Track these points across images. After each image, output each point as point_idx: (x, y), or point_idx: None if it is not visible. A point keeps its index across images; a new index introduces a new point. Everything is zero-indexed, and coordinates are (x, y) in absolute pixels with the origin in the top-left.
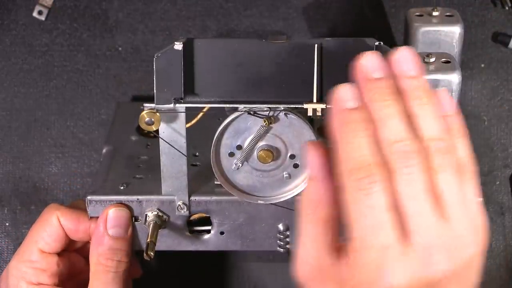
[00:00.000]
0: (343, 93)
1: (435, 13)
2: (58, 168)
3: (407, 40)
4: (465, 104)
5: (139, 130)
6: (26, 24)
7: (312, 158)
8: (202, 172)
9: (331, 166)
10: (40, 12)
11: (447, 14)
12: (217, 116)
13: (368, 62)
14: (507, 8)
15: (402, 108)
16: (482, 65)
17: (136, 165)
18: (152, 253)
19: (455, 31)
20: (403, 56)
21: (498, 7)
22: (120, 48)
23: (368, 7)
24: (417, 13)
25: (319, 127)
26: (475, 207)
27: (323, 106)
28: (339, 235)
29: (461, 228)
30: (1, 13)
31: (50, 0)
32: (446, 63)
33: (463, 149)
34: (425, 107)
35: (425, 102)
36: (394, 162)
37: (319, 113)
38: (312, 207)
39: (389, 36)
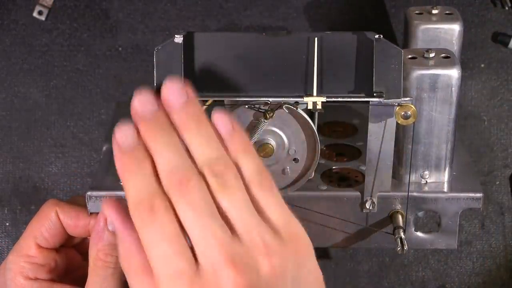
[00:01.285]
0: (120, 134)
1: (434, 11)
2: (58, 168)
3: (406, 38)
4: (465, 104)
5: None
6: (26, 24)
7: (110, 216)
8: None
9: (129, 218)
10: (40, 12)
11: (447, 12)
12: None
13: (139, 102)
14: (507, 8)
15: (175, 140)
16: (482, 65)
17: None
18: None
19: (454, 28)
20: (168, 89)
21: (498, 7)
22: (120, 48)
23: (368, 7)
24: (417, 11)
25: (319, 124)
26: (279, 216)
27: (323, 99)
28: None
29: (253, 241)
30: (1, 13)
31: (50, 0)
32: (445, 58)
33: (247, 165)
34: (195, 134)
35: (194, 129)
36: (172, 190)
37: (319, 107)
38: (125, 261)
39: (389, 36)
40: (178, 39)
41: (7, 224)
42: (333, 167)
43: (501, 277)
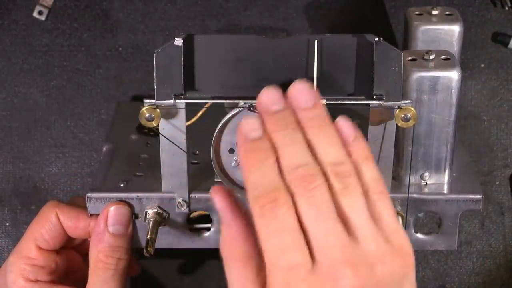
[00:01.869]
0: (247, 125)
1: (434, 12)
2: (58, 168)
3: (406, 39)
4: (465, 104)
5: (139, 129)
6: (26, 24)
7: (217, 202)
8: (202, 170)
9: (237, 206)
10: (40, 12)
11: (447, 13)
12: (217, 115)
13: (267, 97)
14: (507, 8)
15: (301, 137)
16: (482, 65)
17: (136, 163)
18: (152, 249)
19: (454, 29)
20: (299, 90)
21: (498, 7)
22: (120, 48)
23: (368, 7)
24: (417, 12)
25: None
26: (391, 226)
27: (323, 102)
28: (262, 269)
29: (371, 246)
30: (1, 13)
31: (50, 0)
32: (445, 60)
33: (368, 172)
34: (322, 135)
35: (322, 130)
36: (295, 186)
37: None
38: (228, 248)
39: (389, 36)
40: (178, 41)
41: (7, 224)
42: None
43: (501, 277)
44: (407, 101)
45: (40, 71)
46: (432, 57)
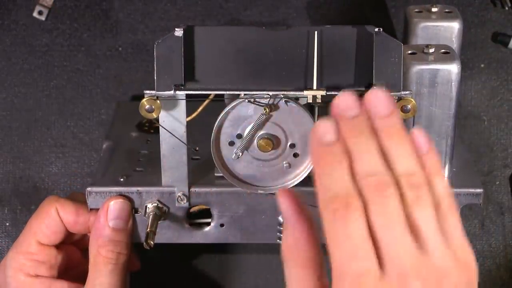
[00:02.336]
0: (322, 128)
1: (434, 9)
2: (58, 168)
3: (406, 36)
4: (465, 104)
5: (140, 127)
6: (26, 24)
7: (283, 205)
8: (202, 165)
9: (302, 210)
10: (40, 12)
11: (446, 10)
12: (216, 111)
13: (344, 102)
14: (507, 8)
15: (376, 145)
16: (482, 65)
17: (136, 159)
18: (152, 242)
19: (454, 26)
20: (376, 97)
21: (498, 7)
22: (120, 48)
23: (368, 6)
24: (417, 9)
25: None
26: (459, 241)
27: (323, 93)
28: (323, 274)
29: (440, 259)
30: (1, 13)
31: (50, 0)
32: (445, 54)
33: (440, 185)
34: (397, 145)
35: (397, 140)
36: (368, 193)
37: (319, 100)
38: (290, 251)
39: (389, 35)
40: (179, 32)
41: (7, 224)
42: None
43: (501, 277)
44: (407, 92)
45: (40, 71)
46: (431, 50)
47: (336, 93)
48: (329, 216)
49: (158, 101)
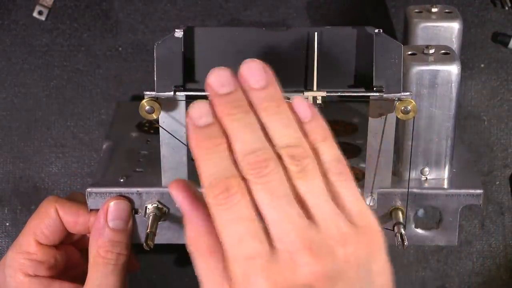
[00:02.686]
0: (195, 110)
1: (434, 10)
2: (58, 168)
3: (406, 36)
4: (465, 104)
5: (140, 127)
6: (26, 24)
7: (177, 198)
8: None
9: (197, 199)
10: (40, 12)
11: (446, 10)
12: None
13: (216, 78)
14: (507, 8)
15: (253, 120)
16: (482, 65)
17: (136, 160)
18: (151, 243)
19: (454, 26)
20: (250, 69)
21: (498, 7)
22: (120, 48)
23: (368, 7)
24: (417, 10)
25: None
26: (354, 206)
27: (323, 94)
28: None
29: (330, 229)
30: (1, 13)
31: (50, 0)
32: (445, 55)
33: (327, 152)
34: (274, 116)
35: (274, 112)
36: (249, 172)
37: (319, 101)
38: (194, 242)
39: (390, 35)
40: (179, 33)
41: (7, 224)
42: None
43: (501, 277)
44: (407, 93)
45: (40, 71)
46: (431, 51)
47: (336, 94)
48: (212, 202)
49: (158, 102)
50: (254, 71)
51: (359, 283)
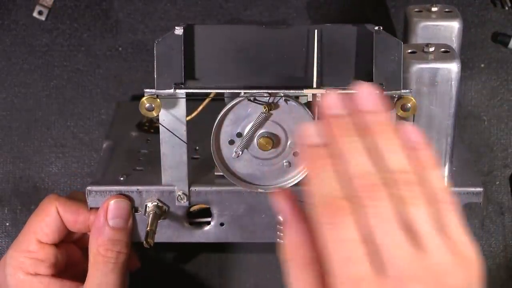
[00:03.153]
0: (309, 130)
1: (434, 9)
2: (58, 168)
3: (406, 35)
4: (465, 104)
5: (140, 127)
6: (26, 24)
7: (281, 206)
8: (202, 165)
9: (299, 210)
10: (40, 12)
11: (446, 10)
12: (216, 110)
13: (330, 100)
14: (507, 8)
15: (366, 143)
16: (482, 65)
17: (136, 158)
18: (152, 241)
19: (454, 25)
20: (364, 93)
21: (498, 7)
22: (120, 48)
23: (368, 7)
24: (416, 9)
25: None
26: (459, 237)
27: (323, 91)
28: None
29: (439, 258)
30: (1, 13)
31: (50, 0)
32: (445, 53)
33: (436, 180)
34: (388, 141)
35: (388, 136)
36: (361, 195)
37: (319, 99)
38: (291, 252)
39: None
40: (179, 31)
41: (7, 224)
42: None
43: (501, 277)
44: (407, 90)
45: (40, 71)
46: (431, 49)
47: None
48: (322, 222)
49: (158, 100)
50: (368, 95)
51: None
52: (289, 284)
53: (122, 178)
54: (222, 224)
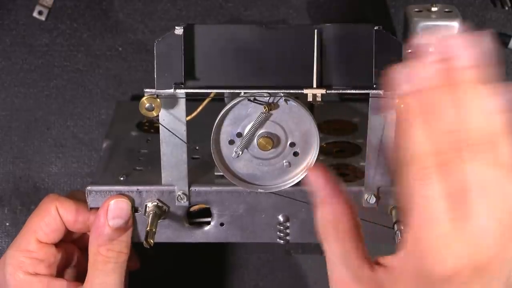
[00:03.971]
0: (399, 76)
1: (434, 9)
2: (58, 168)
3: (406, 36)
4: None
5: (140, 126)
6: (26, 24)
7: (316, 182)
8: (203, 165)
9: (335, 183)
10: (40, 12)
11: (446, 10)
12: (216, 110)
13: (425, 41)
14: (507, 8)
15: (455, 98)
16: None
17: (136, 158)
18: (152, 241)
19: (454, 25)
20: (459, 44)
21: (498, 7)
22: (120, 48)
23: (368, 7)
24: (416, 9)
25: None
26: None
27: (322, 91)
28: (364, 245)
29: None
30: (1, 13)
31: (50, 0)
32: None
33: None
34: (471, 101)
35: (472, 95)
36: (448, 152)
37: (319, 99)
38: (331, 227)
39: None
40: (179, 30)
41: (7, 224)
42: (333, 163)
43: None
44: None
45: (40, 71)
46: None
47: (336, 91)
48: (408, 177)
49: (158, 100)
50: (464, 48)
51: None
52: (328, 258)
53: (122, 178)
54: (222, 224)
